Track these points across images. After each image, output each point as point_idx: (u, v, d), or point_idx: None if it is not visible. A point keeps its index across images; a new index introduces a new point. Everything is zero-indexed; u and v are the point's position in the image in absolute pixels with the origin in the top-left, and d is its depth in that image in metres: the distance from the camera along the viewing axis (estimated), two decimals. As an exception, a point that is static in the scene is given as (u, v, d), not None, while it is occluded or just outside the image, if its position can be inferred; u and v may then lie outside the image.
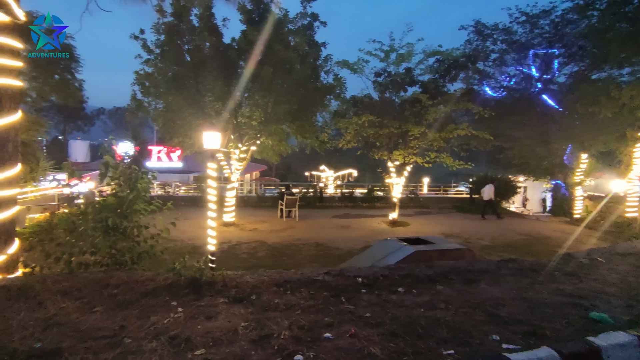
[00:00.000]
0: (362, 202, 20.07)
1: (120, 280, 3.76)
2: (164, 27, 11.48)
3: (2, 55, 4.85)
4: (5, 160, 4.94)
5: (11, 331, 2.78)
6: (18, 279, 3.75)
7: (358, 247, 11.01)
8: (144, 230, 4.37)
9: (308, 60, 11.79)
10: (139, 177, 4.16)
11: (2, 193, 4.95)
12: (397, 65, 13.39)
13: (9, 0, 4.80)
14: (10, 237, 5.10)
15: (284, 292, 3.62)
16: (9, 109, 4.94)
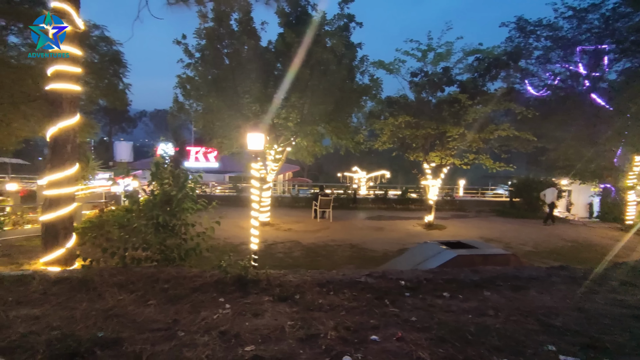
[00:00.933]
0: (396, 204, 19.80)
1: (170, 275, 3.93)
2: (205, 32, 11.87)
3: (64, 62, 5.21)
4: (65, 160, 5.30)
5: (75, 320, 2.97)
6: (78, 271, 4.00)
7: (393, 250, 10.88)
8: (190, 228, 4.54)
9: (344, 62, 11.79)
10: (187, 177, 4.33)
11: (62, 191, 5.31)
12: (434, 65, 13.11)
13: (70, 10, 5.15)
14: (69, 232, 5.46)
15: (327, 292, 3.64)
16: (69, 112, 5.30)
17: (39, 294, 3.49)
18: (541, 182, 18.84)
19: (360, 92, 12.43)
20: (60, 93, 5.19)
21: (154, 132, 62.62)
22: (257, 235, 5.66)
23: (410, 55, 12.56)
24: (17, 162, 26.25)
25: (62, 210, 5.28)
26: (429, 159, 14.07)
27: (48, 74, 5.24)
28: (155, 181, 4.37)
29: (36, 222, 9.02)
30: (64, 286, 3.66)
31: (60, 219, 5.30)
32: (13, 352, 2.48)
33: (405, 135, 12.86)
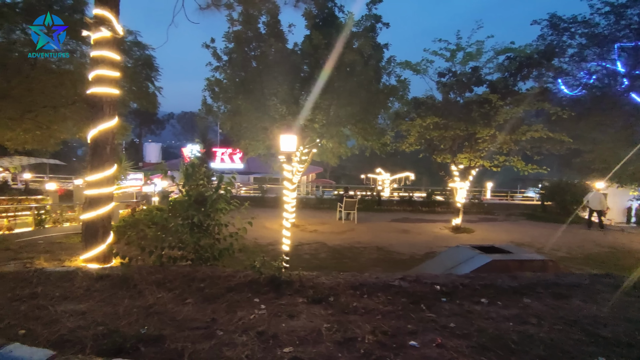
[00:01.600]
0: (421, 206, 19.50)
1: (205, 274, 4.00)
2: (233, 36, 12.08)
3: (104, 67, 5.41)
4: (104, 161, 5.50)
5: (119, 316, 3.07)
6: (118, 268, 4.14)
7: (421, 253, 10.71)
8: (223, 229, 4.62)
9: (371, 63, 11.71)
10: (222, 178, 4.41)
11: (101, 191, 5.52)
12: (463, 65, 12.84)
13: (111, 17, 5.35)
14: (107, 230, 5.66)
15: (361, 295, 3.61)
16: (108, 115, 5.50)
17: (83, 290, 3.63)
18: (575, 185, 18.09)
19: (387, 93, 12.32)
20: (101, 96, 5.40)
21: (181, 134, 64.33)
22: (289, 236, 5.69)
23: (439, 55, 12.35)
24: (55, 162, 27.53)
25: (101, 210, 5.48)
26: (456, 160, 13.78)
27: (89, 78, 5.45)
28: (190, 182, 4.47)
29: (74, 220, 9.42)
30: (106, 283, 3.79)
31: (99, 218, 5.49)
32: (63, 345, 2.58)
33: (433, 136, 12.64)
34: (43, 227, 8.19)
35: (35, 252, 6.54)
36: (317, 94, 11.77)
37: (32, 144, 13.08)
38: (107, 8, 5.31)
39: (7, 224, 7.33)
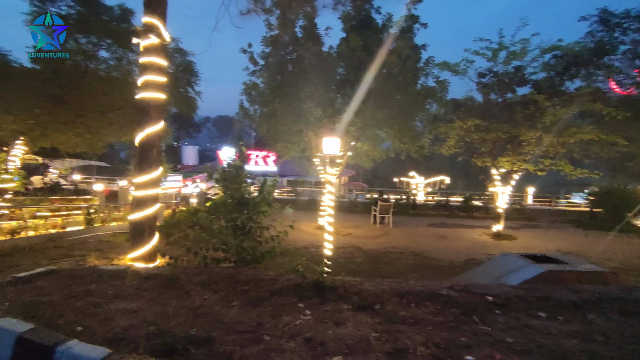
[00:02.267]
0: (458, 211, 18.88)
1: (248, 277, 4.01)
2: (270, 40, 12.25)
3: (152, 73, 5.61)
4: (151, 164, 5.69)
5: (168, 316, 3.12)
6: (165, 268, 4.23)
7: (460, 260, 10.33)
8: (264, 231, 4.63)
9: (409, 64, 11.49)
10: (266, 181, 4.42)
11: (147, 192, 5.70)
12: (506, 64, 12.31)
13: (159, 24, 5.54)
14: (152, 230, 5.85)
15: (408, 304, 3.48)
16: (155, 119, 5.69)
17: (133, 288, 3.74)
18: (628, 190, 16.86)
19: (425, 95, 12.01)
20: (148, 101, 5.60)
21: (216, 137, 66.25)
22: (331, 240, 5.64)
23: (480, 54, 11.91)
24: (101, 164, 29.10)
25: (148, 211, 5.67)
26: (497, 164, 13.21)
27: (138, 83, 5.67)
28: (233, 184, 4.52)
29: (119, 219, 9.84)
30: (154, 282, 3.88)
31: (145, 219, 5.69)
32: (118, 344, 2.65)
33: (474, 139, 12.19)
34: (92, 226, 8.60)
35: (86, 250, 6.87)
36: (354, 96, 11.70)
37: (82, 146, 13.88)
38: (156, 16, 5.50)
39: (60, 222, 7.76)
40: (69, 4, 11.99)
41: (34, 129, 11.36)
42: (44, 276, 4.00)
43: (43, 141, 12.25)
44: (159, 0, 5.55)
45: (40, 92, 11.01)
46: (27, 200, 11.62)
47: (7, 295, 3.50)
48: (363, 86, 11.03)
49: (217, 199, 4.99)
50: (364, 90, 11.30)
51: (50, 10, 11.96)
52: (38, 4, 11.75)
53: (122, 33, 12.24)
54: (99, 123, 12.74)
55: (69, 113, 11.99)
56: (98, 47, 12.51)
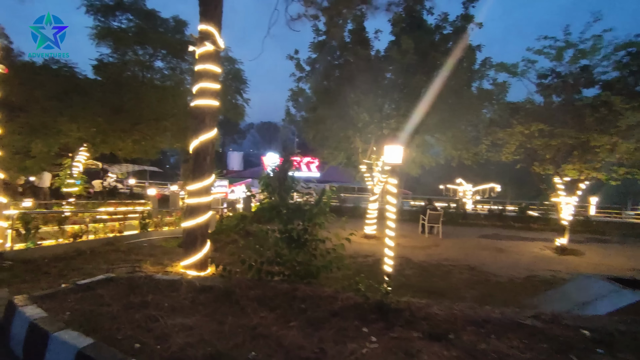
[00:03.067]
0: (513, 221, 17.64)
1: (305, 293, 3.78)
2: (317, 45, 12.15)
3: (207, 80, 5.60)
4: (204, 171, 5.66)
5: (225, 335, 2.95)
6: (219, 280, 4.11)
7: (521, 277, 9.51)
8: (320, 244, 4.39)
9: (463, 65, 10.86)
10: (325, 190, 4.19)
11: (200, 200, 5.68)
12: (573, 63, 11.30)
13: (214, 31, 5.52)
14: (204, 238, 5.81)
15: (487, 335, 3.06)
16: (209, 126, 5.66)
17: (188, 301, 3.63)
18: None
19: (482, 98, 11.25)
20: (203, 108, 5.59)
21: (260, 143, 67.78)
22: (392, 256, 5.30)
23: (544, 54, 11.02)
24: (153, 169, 30.61)
25: (200, 218, 5.64)
26: (561, 172, 12.13)
27: (193, 91, 5.68)
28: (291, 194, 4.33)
29: (171, 224, 10.07)
30: (209, 296, 3.76)
31: (198, 226, 5.66)
32: (176, 365, 2.50)
33: (536, 145, 11.25)
34: (146, 231, 8.86)
35: (141, 254, 7.01)
36: (403, 101, 11.27)
37: (138, 152, 14.54)
38: (212, 23, 5.50)
39: (118, 226, 8.04)
40: (129, 17, 12.67)
41: (95, 136, 12.03)
42: (104, 284, 4.02)
43: (104, 147, 12.96)
44: (214, 9, 5.55)
45: (102, 101, 11.67)
46: (88, 204, 12.32)
47: (69, 303, 3.52)
48: (414, 90, 10.58)
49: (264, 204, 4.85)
50: (414, 95, 10.84)
51: (112, 24, 12.72)
52: (101, 18, 12.53)
53: (176, 44, 12.73)
54: (153, 130, 13.28)
55: (127, 121, 12.60)
56: (154, 58, 13.09)
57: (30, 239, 6.19)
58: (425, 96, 10.89)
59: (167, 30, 13.31)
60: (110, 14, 12.42)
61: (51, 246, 6.43)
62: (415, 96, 10.56)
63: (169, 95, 12.54)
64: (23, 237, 6.13)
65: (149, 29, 12.73)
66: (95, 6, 12.16)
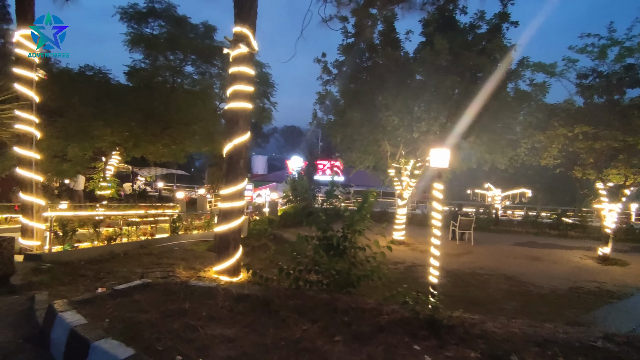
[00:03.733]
0: (549, 228, 16.82)
1: (346, 305, 3.58)
2: (346, 48, 11.99)
3: (241, 82, 5.52)
4: (237, 175, 5.57)
5: (267, 350, 2.78)
6: (256, 289, 3.98)
7: (563, 288, 8.97)
8: (359, 252, 4.19)
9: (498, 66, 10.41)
10: (368, 196, 3.99)
11: (234, 204, 5.59)
12: (617, 62, 10.66)
13: (248, 33, 5.45)
14: (237, 243, 5.71)
15: (553, 357, 2.77)
16: (243, 129, 5.58)
17: (226, 310, 3.50)
18: None
19: (520, 99, 10.71)
20: (237, 111, 5.51)
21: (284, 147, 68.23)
22: (437, 266, 5.04)
23: (587, 52, 10.45)
24: (180, 172, 31.21)
25: (233, 223, 5.55)
26: (604, 177, 11.45)
27: (227, 94, 5.62)
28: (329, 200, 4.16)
29: (200, 228, 10.09)
30: (247, 305, 3.62)
31: (231, 231, 5.57)
32: (220, 381, 2.35)
33: (578, 148, 10.64)
34: (177, 234, 8.90)
35: (173, 258, 7.01)
36: (435, 103, 10.93)
37: (167, 156, 14.79)
38: (246, 25, 5.42)
39: (150, 230, 8.10)
40: (160, 24, 12.93)
41: (128, 140, 12.29)
42: (140, 289, 3.95)
43: (136, 151, 13.23)
44: (249, 11, 5.48)
45: (134, 106, 11.92)
46: (120, 207, 12.58)
47: (108, 309, 3.45)
48: (446, 92, 10.23)
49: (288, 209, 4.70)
50: (447, 97, 10.50)
51: (144, 31, 13.02)
52: (134, 25, 12.84)
53: (205, 49, 12.89)
54: (183, 134, 13.47)
55: (158, 125, 12.83)
56: (184, 63, 13.30)
57: (67, 241, 6.27)
58: (459, 98, 10.54)
59: (197, 36, 13.51)
60: (143, 21, 12.72)
61: (87, 249, 6.51)
62: (448, 98, 10.21)
63: (199, 99, 12.70)
64: (61, 240, 6.23)
65: (180, 35, 12.95)
66: (129, 14, 12.47)
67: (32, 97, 6.20)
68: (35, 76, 6.20)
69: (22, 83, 6.11)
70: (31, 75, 6.17)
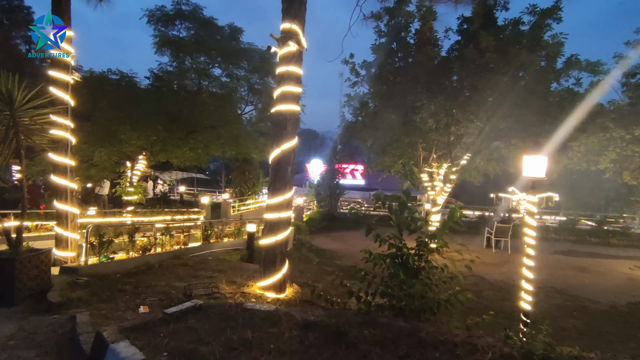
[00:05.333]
0: (589, 236, 15.92)
1: (432, 336, 3.09)
2: (378, 48, 11.54)
3: (289, 83, 5.11)
4: (285, 183, 5.15)
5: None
6: (319, 313, 3.53)
7: (622, 303, 8.34)
8: (436, 272, 3.70)
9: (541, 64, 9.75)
10: (454, 209, 3.51)
11: (281, 215, 5.16)
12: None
13: (298, 29, 5.03)
14: (284, 257, 5.29)
15: None
16: (292, 133, 5.16)
17: (296, 342, 3.05)
18: None
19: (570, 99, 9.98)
20: (285, 114, 5.10)
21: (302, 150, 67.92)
22: (530, 290, 4.52)
23: None
24: (200, 176, 31.14)
25: (281, 235, 5.13)
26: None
27: (274, 96, 5.22)
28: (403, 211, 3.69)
29: (230, 235, 9.72)
30: (318, 334, 3.16)
31: (277, 244, 5.16)
32: None
33: (635, 152, 9.91)
34: (208, 242, 8.55)
35: (209, 270, 6.63)
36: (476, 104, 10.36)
37: (192, 160, 14.53)
38: (296, 21, 5.02)
39: (182, 239, 7.76)
40: (187, 26, 12.71)
41: (155, 144, 12.05)
42: (193, 313, 3.55)
43: (162, 155, 13.01)
44: (299, 5, 5.06)
45: (160, 110, 11.68)
46: (147, 212, 12.34)
47: (163, 338, 3.05)
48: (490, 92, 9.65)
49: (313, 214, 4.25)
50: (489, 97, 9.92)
51: (170, 34, 12.80)
52: (162, 28, 12.65)
53: (233, 52, 12.61)
54: (208, 137, 13.19)
55: (184, 129, 12.58)
56: (211, 65, 13.04)
57: (104, 252, 5.96)
58: (501, 99, 9.94)
59: (223, 38, 13.22)
60: (170, 24, 12.52)
61: (123, 260, 6.18)
62: (492, 98, 9.63)
63: (226, 102, 12.41)
64: (96, 250, 5.92)
65: (206, 37, 12.69)
66: (156, 16, 12.28)
67: (68, 101, 5.93)
68: (70, 79, 5.93)
69: (58, 86, 5.84)
70: (66, 77, 5.90)
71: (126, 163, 13.04)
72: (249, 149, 14.01)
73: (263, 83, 13.93)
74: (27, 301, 4.62)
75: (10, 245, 4.62)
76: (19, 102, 4.35)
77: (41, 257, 4.74)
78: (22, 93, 4.48)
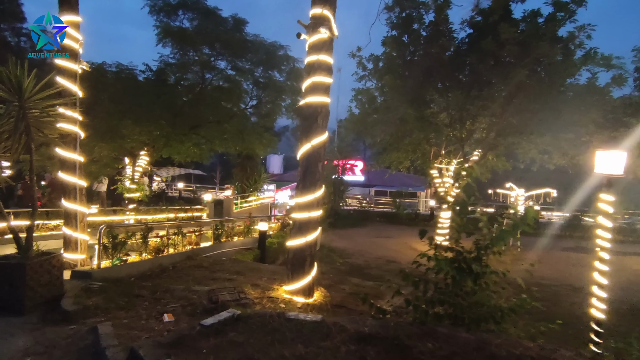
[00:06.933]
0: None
1: (502, 349, 2.80)
2: (388, 41, 11.20)
3: (320, 73, 4.76)
4: (316, 180, 4.82)
5: None
6: (372, 323, 3.23)
7: (649, 301, 8.11)
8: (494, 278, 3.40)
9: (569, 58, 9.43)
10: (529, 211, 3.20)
11: (311, 214, 4.84)
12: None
13: (329, 15, 4.68)
14: (313, 259, 4.97)
15: None
16: (322, 127, 4.82)
17: (355, 358, 2.74)
18: None
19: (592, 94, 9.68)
20: (315, 107, 4.75)
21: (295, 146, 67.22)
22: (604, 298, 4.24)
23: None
24: (197, 173, 30.58)
25: (310, 236, 4.81)
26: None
27: (303, 87, 4.87)
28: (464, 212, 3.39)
29: (239, 234, 9.37)
30: (377, 349, 2.86)
31: (307, 245, 4.83)
32: None
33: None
34: (219, 242, 8.20)
35: (226, 272, 6.28)
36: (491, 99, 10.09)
37: (194, 156, 14.09)
38: (327, 6, 4.66)
39: (194, 239, 7.40)
40: (190, 17, 12.22)
41: (158, 140, 11.60)
42: (232, 325, 3.23)
43: (166, 151, 12.56)
44: (331, -11, 4.71)
45: (162, 103, 11.22)
46: (150, 210, 11.90)
47: (207, 355, 2.73)
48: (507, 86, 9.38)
49: None
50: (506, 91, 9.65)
51: (173, 25, 12.31)
52: (163, 19, 12.15)
53: (240, 45, 12.17)
54: (213, 133, 12.77)
55: (187, 123, 12.14)
56: (215, 57, 12.58)
57: (117, 255, 5.58)
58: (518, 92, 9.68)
59: (226, 30, 12.75)
60: (172, 13, 12.02)
61: (136, 262, 5.80)
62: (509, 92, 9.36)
63: (232, 95, 12.00)
64: (109, 253, 5.53)
65: (209, 28, 12.22)
66: (158, 6, 11.78)
67: (76, 92, 5.51)
68: (79, 68, 5.51)
69: (65, 76, 5.41)
70: (74, 67, 5.48)
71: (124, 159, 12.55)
72: (254, 145, 13.62)
73: (268, 77, 13.52)
74: (38, 309, 4.24)
75: (20, 248, 4.22)
76: (29, 92, 3.95)
77: (53, 261, 4.36)
78: (32, 82, 4.08)
